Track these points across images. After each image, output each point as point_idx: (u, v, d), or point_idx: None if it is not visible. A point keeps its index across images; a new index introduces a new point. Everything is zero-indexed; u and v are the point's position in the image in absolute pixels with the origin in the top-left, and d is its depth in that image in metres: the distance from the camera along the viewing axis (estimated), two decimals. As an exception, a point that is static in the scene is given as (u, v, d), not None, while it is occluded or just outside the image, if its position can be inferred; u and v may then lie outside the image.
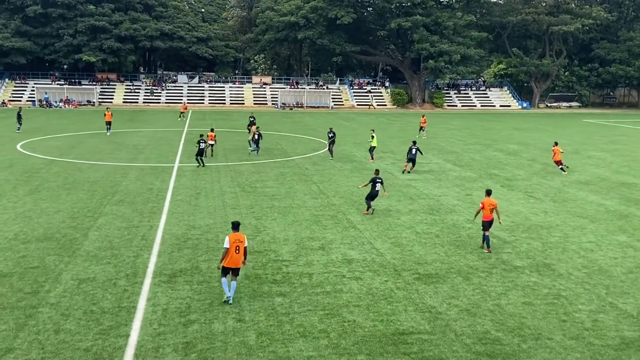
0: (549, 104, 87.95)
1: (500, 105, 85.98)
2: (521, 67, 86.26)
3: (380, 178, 20.40)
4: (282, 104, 78.42)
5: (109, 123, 41.96)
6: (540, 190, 25.18)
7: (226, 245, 12.49)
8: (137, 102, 77.46)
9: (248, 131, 44.59)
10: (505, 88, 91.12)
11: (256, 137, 33.76)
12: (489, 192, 17.23)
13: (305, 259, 15.51)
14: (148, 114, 63.16)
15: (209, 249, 16.13)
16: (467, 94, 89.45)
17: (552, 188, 25.61)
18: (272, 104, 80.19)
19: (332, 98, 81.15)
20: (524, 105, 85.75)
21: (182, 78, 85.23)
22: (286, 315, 12.03)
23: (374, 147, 32.92)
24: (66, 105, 70.65)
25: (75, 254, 15.46)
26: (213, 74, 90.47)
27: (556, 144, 30.80)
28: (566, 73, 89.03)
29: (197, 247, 16.27)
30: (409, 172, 28.64)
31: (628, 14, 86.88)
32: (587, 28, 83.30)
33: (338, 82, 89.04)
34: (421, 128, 45.37)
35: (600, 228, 19.17)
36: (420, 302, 12.83)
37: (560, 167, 29.57)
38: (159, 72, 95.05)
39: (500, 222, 17.25)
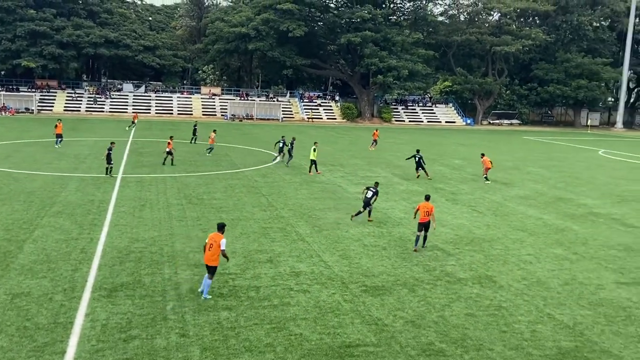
0: (491, 121, 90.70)
1: (446, 121, 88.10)
2: (465, 84, 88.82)
3: (374, 189, 21.42)
4: (232, 115, 77.96)
5: (59, 135, 39.07)
6: (483, 204, 25.88)
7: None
8: (79, 111, 75.38)
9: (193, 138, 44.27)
10: (451, 105, 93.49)
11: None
12: (427, 197, 18.89)
13: (253, 272, 15.41)
14: (91, 123, 61.56)
15: (153, 262, 15.80)
16: (415, 109, 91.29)
17: (494, 202, 26.36)
18: (222, 115, 79.61)
19: (282, 110, 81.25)
20: (468, 121, 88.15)
21: (128, 87, 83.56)
22: (232, 329, 11.89)
23: (313, 160, 32.30)
24: (2, 113, 68.01)
25: (9, 268, 14.84)
26: (160, 83, 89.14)
27: (483, 155, 32.46)
28: (507, 92, 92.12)
29: (140, 260, 15.90)
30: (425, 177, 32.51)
31: (565, 36, 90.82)
32: (527, 49, 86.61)
33: (288, 94, 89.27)
34: (374, 141, 46.62)
35: (539, 241, 19.83)
36: (366, 315, 12.93)
37: (485, 176, 31.65)
38: (103, 80, 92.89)
39: (434, 227, 18.30)
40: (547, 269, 16.78)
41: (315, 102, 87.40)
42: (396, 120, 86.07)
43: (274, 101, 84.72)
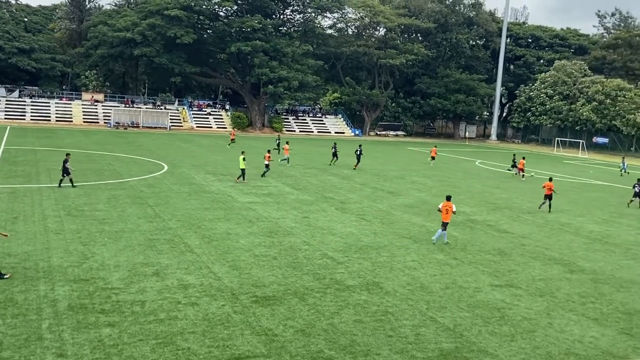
0: (378, 132, 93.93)
1: (335, 132, 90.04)
2: (353, 96, 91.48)
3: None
4: (116, 123, 74.79)
5: None
6: (371, 212, 26.67)
7: None
8: (-57, 115, 68.99)
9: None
10: (340, 116, 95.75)
11: None
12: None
13: (138, 286, 14.80)
14: (-43, 129, 56.49)
15: (27, 279, 14.72)
16: (305, 119, 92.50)
17: (381, 211, 27.24)
18: (105, 122, 76.13)
19: (171, 119, 79.16)
20: (357, 132, 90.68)
21: (0, 91, 77.67)
22: (114, 346, 11.32)
23: (242, 169, 32.80)
24: None
25: None
26: (37, 88, 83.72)
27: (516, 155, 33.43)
28: (393, 104, 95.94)
29: (12, 277, 14.75)
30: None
31: (445, 53, 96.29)
32: (411, 63, 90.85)
33: (177, 102, 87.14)
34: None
35: (422, 248, 20.74)
36: (257, 325, 12.83)
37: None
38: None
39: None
40: (429, 274, 17.56)
41: (205, 111, 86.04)
42: (287, 130, 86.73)
43: (161, 109, 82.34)
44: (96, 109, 79.51)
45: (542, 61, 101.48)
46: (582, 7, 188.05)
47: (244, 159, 33.18)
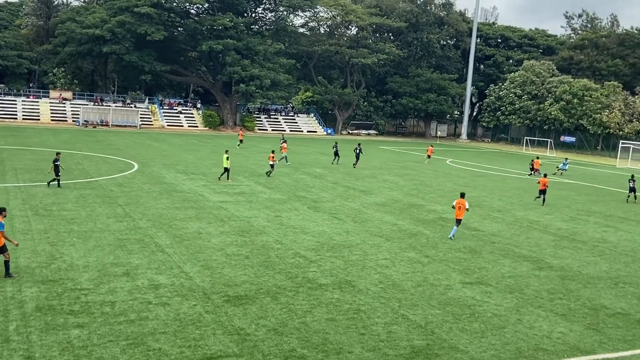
0: (350, 131, 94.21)
1: (307, 131, 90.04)
2: (326, 95, 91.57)
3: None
4: (85, 121, 73.57)
5: None
6: (343, 211, 26.75)
7: None
8: None
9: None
10: (312, 114, 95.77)
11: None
12: (462, 195, 22.73)
13: (108, 287, 14.59)
14: None
15: (-6, 280, 14.40)
16: (277, 118, 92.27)
17: (353, 209, 27.35)
18: (74, 121, 74.82)
19: (141, 117, 78.18)
20: (329, 131, 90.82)
21: (-36, 88, 75.81)
22: (84, 348, 11.16)
23: (225, 167, 32.98)
24: None
25: None
26: (2, 85, 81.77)
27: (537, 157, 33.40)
28: (365, 103, 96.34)
29: (-22, 279, 14.42)
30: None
31: (416, 52, 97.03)
32: (383, 62, 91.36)
33: (147, 101, 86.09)
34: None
35: (394, 246, 20.89)
36: (229, 325, 12.77)
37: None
38: None
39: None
40: (401, 272, 17.70)
41: (176, 110, 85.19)
42: (259, 129, 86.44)
43: (131, 107, 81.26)
44: (64, 107, 78.08)
45: (511, 61, 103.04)
46: (550, 8, 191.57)
47: (227, 158, 33.31)
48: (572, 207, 32.47)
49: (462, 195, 22.79)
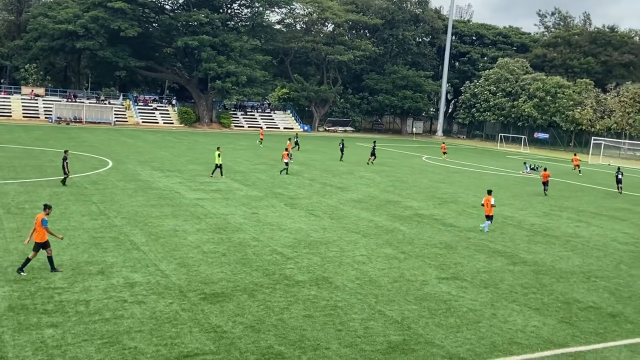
0: (327, 128, 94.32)
1: (284, 127, 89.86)
2: (302, 92, 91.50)
3: None
4: (58, 118, 72.40)
5: None
6: (320, 208, 26.78)
7: None
8: None
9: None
10: (289, 111, 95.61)
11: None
12: (489, 192, 23.91)
13: (82, 285, 14.41)
14: None
15: (-36, 280, 14.11)
16: (254, 115, 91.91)
17: (330, 206, 27.40)
18: (46, 118, 73.58)
19: (115, 114, 77.23)
20: (305, 128, 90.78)
21: None
22: (58, 347, 11.01)
23: (217, 164, 33.78)
24: None
25: None
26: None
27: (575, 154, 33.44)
28: (342, 100, 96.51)
29: (-52, 279, 14.12)
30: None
31: (392, 49, 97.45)
32: (359, 59, 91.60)
33: (121, 97, 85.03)
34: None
35: (371, 242, 20.99)
36: (205, 323, 12.71)
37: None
38: None
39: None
40: (378, 268, 17.79)
41: (151, 106, 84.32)
42: (235, 126, 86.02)
43: (105, 104, 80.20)
44: (37, 103, 76.76)
45: (486, 58, 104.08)
46: (523, 6, 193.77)
47: (219, 155, 34.09)
48: (545, 202, 32.97)
49: (489, 192, 24.03)
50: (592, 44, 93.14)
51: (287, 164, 37.86)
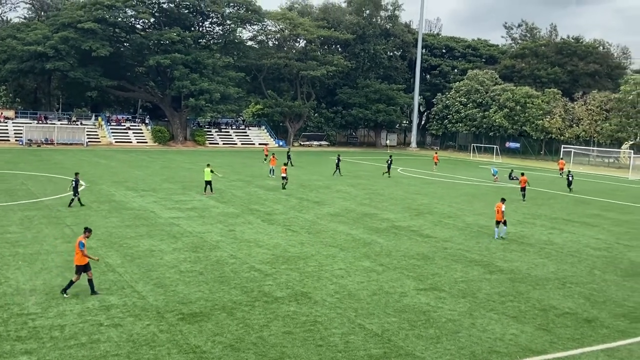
0: (302, 143, 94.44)
1: (259, 144, 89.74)
2: (276, 107, 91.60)
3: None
4: (28, 140, 71.26)
5: None
6: (297, 223, 26.75)
7: None
8: None
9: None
10: (263, 127, 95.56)
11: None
12: (502, 200, 25.04)
13: (57, 310, 14.15)
14: None
15: None
16: (228, 132, 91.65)
17: (307, 221, 27.39)
18: (17, 140, 72.38)
19: (88, 134, 76.32)
20: (281, 143, 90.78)
21: None
22: (33, 375, 10.77)
23: (207, 180, 34.24)
24: None
25: None
26: (-61, 105, 78.63)
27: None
28: (316, 114, 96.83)
29: None
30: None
31: (364, 64, 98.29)
32: (331, 74, 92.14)
33: (94, 117, 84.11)
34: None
35: (349, 255, 21.01)
36: (184, 343, 12.56)
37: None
38: None
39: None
40: (357, 281, 17.81)
41: (124, 126, 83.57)
42: (210, 143, 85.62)
43: (77, 124, 79.25)
44: (6, 126, 75.50)
45: (456, 70, 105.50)
46: (489, 19, 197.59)
47: (211, 171, 34.60)
48: (518, 211, 33.41)
49: (502, 200, 25.12)
50: (559, 55, 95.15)
51: (284, 177, 38.47)
